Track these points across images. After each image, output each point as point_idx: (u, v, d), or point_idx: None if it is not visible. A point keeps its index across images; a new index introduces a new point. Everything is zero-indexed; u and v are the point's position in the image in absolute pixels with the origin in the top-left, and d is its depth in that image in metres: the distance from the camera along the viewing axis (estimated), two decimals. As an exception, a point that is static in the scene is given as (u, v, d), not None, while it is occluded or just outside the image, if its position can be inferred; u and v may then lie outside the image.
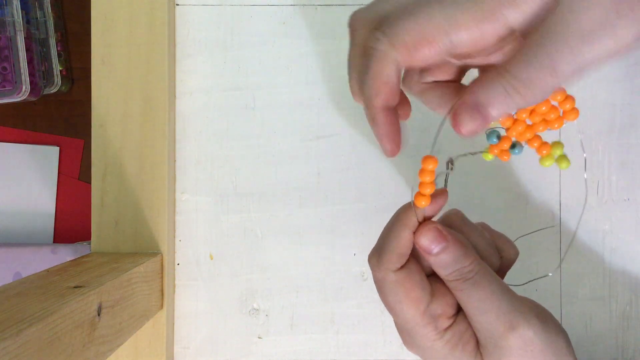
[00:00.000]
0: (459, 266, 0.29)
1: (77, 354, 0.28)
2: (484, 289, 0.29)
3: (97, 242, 0.40)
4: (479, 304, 0.29)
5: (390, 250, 0.30)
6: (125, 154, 0.40)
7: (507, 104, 0.25)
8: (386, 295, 0.30)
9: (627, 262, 0.42)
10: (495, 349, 0.29)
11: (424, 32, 0.25)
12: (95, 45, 0.41)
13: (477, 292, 0.29)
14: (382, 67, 0.27)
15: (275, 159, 0.43)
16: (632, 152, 0.42)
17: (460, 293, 0.29)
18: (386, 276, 0.30)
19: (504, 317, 0.29)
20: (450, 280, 0.30)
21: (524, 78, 0.24)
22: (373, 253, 0.31)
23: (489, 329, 0.29)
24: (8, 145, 0.53)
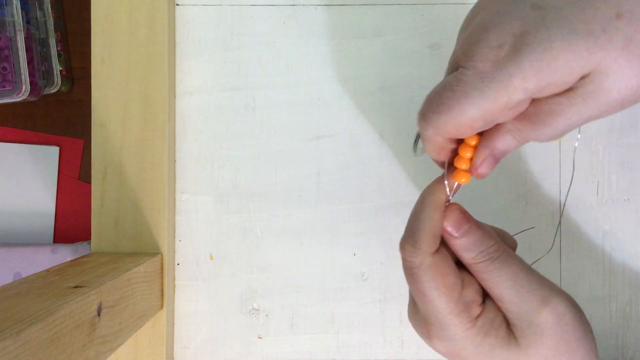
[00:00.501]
0: (484, 247, 0.29)
1: (77, 354, 0.28)
2: (512, 266, 0.29)
3: (97, 242, 0.40)
4: (510, 282, 0.29)
5: (426, 232, 0.30)
6: (125, 154, 0.40)
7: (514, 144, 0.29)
8: (422, 281, 0.29)
9: (627, 263, 0.42)
10: (530, 327, 0.29)
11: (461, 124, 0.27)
12: (95, 45, 0.41)
13: (506, 271, 0.29)
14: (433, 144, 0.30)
15: (275, 159, 0.43)
16: (632, 152, 0.42)
17: (489, 274, 0.29)
18: (424, 260, 0.29)
19: (536, 293, 0.29)
20: (478, 263, 0.29)
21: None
22: (406, 239, 0.30)
23: (522, 306, 0.29)
24: (8, 145, 0.53)
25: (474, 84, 0.26)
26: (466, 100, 0.26)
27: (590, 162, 0.42)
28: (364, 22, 0.42)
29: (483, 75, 0.26)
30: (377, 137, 0.42)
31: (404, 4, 0.42)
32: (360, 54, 0.43)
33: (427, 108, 0.28)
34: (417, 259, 0.29)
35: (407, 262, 0.30)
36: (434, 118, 0.28)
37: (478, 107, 0.26)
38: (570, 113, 0.26)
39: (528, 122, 0.27)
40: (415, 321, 0.32)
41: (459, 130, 0.28)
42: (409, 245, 0.30)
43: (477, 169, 0.29)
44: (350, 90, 0.43)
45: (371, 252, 0.42)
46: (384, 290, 0.42)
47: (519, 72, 0.25)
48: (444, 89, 0.27)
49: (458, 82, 0.27)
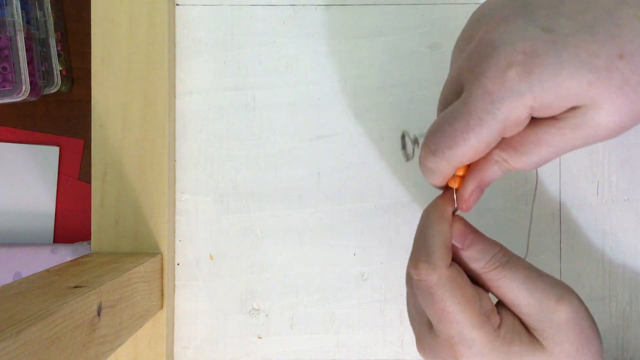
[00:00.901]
0: (491, 254, 0.29)
1: (77, 354, 0.28)
2: (522, 269, 0.29)
3: (97, 242, 0.40)
4: (523, 285, 0.29)
5: (440, 246, 0.29)
6: (125, 154, 0.40)
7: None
8: (442, 299, 0.28)
9: (627, 263, 0.42)
10: (552, 327, 0.29)
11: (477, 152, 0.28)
12: (95, 45, 0.41)
13: (518, 275, 0.29)
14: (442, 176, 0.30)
15: (275, 159, 0.43)
16: (632, 152, 0.42)
17: (502, 281, 0.29)
18: (441, 275, 0.29)
19: (551, 292, 0.29)
20: (489, 271, 0.29)
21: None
22: (419, 258, 0.29)
23: (539, 308, 0.29)
24: (8, 145, 0.53)
25: (484, 108, 0.26)
26: (481, 130, 0.27)
27: (590, 162, 0.42)
28: (364, 22, 0.42)
29: (493, 97, 0.26)
30: (377, 137, 0.42)
31: (404, 4, 0.42)
32: (360, 54, 0.43)
33: (438, 143, 0.28)
34: (434, 275, 0.29)
35: (424, 282, 0.29)
36: (448, 153, 0.28)
37: (492, 130, 0.27)
38: (557, 142, 0.27)
39: (514, 152, 0.28)
40: (434, 349, 0.30)
41: (475, 157, 0.28)
42: (423, 264, 0.29)
43: (466, 201, 0.30)
44: (350, 90, 0.43)
45: (371, 252, 0.42)
46: (384, 290, 0.42)
47: (530, 92, 0.26)
48: (454, 121, 0.27)
49: (469, 111, 0.27)
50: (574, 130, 0.26)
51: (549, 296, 0.29)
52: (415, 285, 0.30)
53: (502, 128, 0.27)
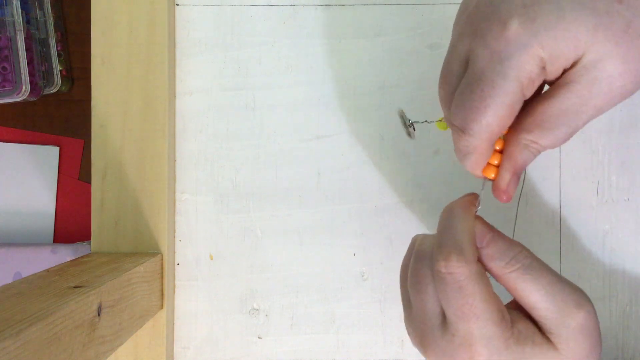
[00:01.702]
0: (512, 254, 0.29)
1: (77, 354, 0.28)
2: (546, 273, 0.29)
3: (97, 242, 0.40)
4: (544, 290, 0.28)
5: (470, 241, 0.29)
6: (125, 154, 0.40)
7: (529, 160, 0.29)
8: (472, 293, 0.28)
9: (627, 262, 0.42)
10: (568, 331, 0.28)
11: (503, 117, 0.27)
12: (95, 45, 0.41)
13: (542, 279, 0.29)
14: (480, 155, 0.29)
15: (275, 159, 0.43)
16: (632, 152, 0.42)
17: (524, 284, 0.29)
18: (472, 269, 0.28)
19: (570, 298, 0.29)
20: (510, 272, 0.29)
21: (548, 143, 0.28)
22: (449, 252, 0.29)
23: (559, 313, 0.28)
24: (8, 145, 0.53)
25: (495, 70, 0.26)
26: (498, 94, 0.26)
27: (590, 162, 0.42)
28: (364, 22, 0.42)
29: (500, 56, 0.26)
30: (377, 137, 0.42)
31: (404, 4, 0.42)
32: (360, 54, 0.43)
33: (463, 120, 0.28)
34: (466, 268, 0.28)
35: (455, 275, 0.28)
36: (476, 127, 0.27)
37: (509, 92, 0.26)
38: (578, 107, 0.26)
39: (541, 131, 0.27)
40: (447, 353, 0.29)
41: (503, 124, 0.27)
42: (454, 256, 0.28)
43: (506, 192, 0.29)
44: (350, 90, 0.43)
45: (371, 252, 0.42)
46: (384, 290, 0.42)
47: (536, 41, 0.25)
48: (470, 93, 0.27)
49: (480, 77, 0.27)
50: (590, 88, 0.26)
51: (569, 302, 0.28)
52: (442, 281, 0.29)
53: (518, 87, 0.26)
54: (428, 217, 0.42)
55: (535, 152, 0.29)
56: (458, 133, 0.28)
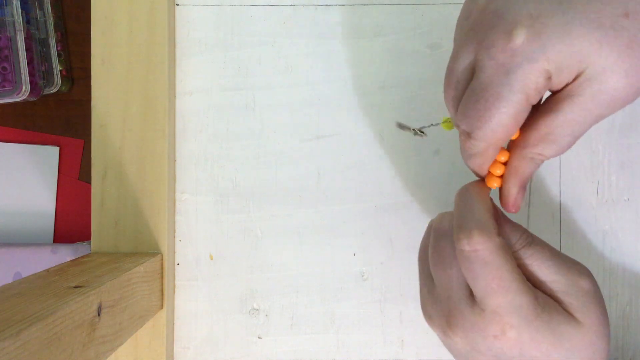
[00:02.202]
0: (517, 235, 0.30)
1: (77, 354, 0.28)
2: (547, 247, 0.30)
3: (97, 242, 0.40)
4: (550, 261, 0.29)
5: (488, 216, 0.29)
6: (125, 154, 0.40)
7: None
8: (498, 267, 0.28)
9: (627, 262, 0.42)
10: (578, 299, 0.29)
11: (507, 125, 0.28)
12: (95, 45, 0.41)
13: (544, 253, 0.30)
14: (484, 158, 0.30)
15: (275, 159, 0.43)
16: (632, 152, 0.42)
17: (531, 259, 0.29)
18: (496, 243, 0.28)
19: (573, 268, 0.30)
20: (519, 249, 0.30)
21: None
22: (471, 227, 0.29)
23: (566, 281, 0.29)
24: (8, 145, 0.53)
25: (500, 82, 0.26)
26: (502, 104, 0.27)
27: (590, 162, 0.42)
28: (364, 22, 0.42)
29: (507, 69, 0.26)
30: (377, 137, 0.42)
31: (404, 4, 0.42)
32: (360, 54, 0.43)
33: (469, 125, 0.28)
34: (490, 243, 0.28)
35: (479, 252, 0.28)
36: (480, 133, 0.28)
37: (514, 102, 0.27)
38: (582, 117, 0.27)
39: (546, 144, 0.28)
40: (476, 328, 0.29)
41: (508, 132, 0.28)
42: (477, 232, 0.28)
43: (514, 205, 0.31)
44: (350, 90, 0.43)
45: (371, 252, 0.42)
46: (384, 290, 0.42)
47: (543, 55, 0.26)
48: (476, 102, 0.28)
49: (486, 87, 0.27)
50: (593, 99, 0.26)
51: (573, 271, 0.30)
52: (466, 259, 0.29)
53: (524, 98, 0.27)
54: (428, 217, 0.42)
55: (539, 163, 0.29)
56: (464, 135, 0.29)
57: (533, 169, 0.30)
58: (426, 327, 0.42)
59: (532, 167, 0.30)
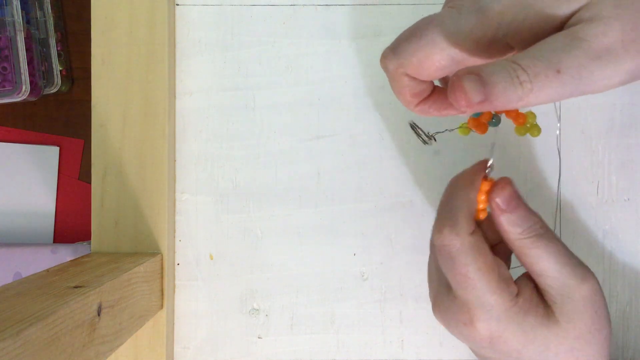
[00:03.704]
0: (530, 222, 0.30)
1: (77, 354, 0.28)
2: (557, 243, 0.30)
3: (97, 242, 0.40)
4: (554, 258, 0.29)
5: (464, 213, 0.29)
6: (125, 154, 0.40)
7: (509, 93, 0.24)
8: (464, 264, 0.29)
9: (627, 262, 0.42)
10: (570, 303, 0.29)
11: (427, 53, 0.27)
12: (95, 45, 0.41)
13: (553, 247, 0.29)
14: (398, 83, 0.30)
15: (275, 159, 0.43)
16: (632, 152, 0.42)
17: (535, 250, 0.29)
18: (464, 241, 0.29)
19: (577, 270, 0.29)
20: (524, 238, 0.29)
21: (530, 72, 0.24)
22: (442, 223, 0.29)
23: (564, 281, 0.29)
24: (8, 145, 0.53)
25: (450, 15, 0.27)
26: (439, 30, 0.27)
27: (590, 162, 0.42)
28: (364, 22, 0.42)
29: (461, 9, 0.26)
30: (377, 137, 0.42)
31: (404, 4, 0.42)
32: (360, 54, 0.43)
33: (398, 39, 0.29)
34: (457, 241, 0.29)
35: (446, 247, 0.29)
36: (402, 47, 0.28)
37: (451, 38, 0.26)
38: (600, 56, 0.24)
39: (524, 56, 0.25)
40: (449, 311, 0.31)
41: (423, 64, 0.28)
42: (447, 229, 0.29)
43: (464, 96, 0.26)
44: (350, 90, 0.43)
45: (371, 252, 0.42)
46: (384, 290, 0.42)
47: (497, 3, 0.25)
48: (419, 21, 0.28)
49: (434, 15, 0.27)
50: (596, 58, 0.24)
51: (576, 273, 0.29)
52: (438, 251, 0.30)
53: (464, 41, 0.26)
54: (428, 217, 0.42)
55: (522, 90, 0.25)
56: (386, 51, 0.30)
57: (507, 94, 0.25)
58: (426, 327, 0.42)
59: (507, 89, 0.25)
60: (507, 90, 0.24)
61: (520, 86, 0.24)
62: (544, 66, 0.24)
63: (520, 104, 0.25)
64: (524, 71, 0.24)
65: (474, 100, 0.25)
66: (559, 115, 0.42)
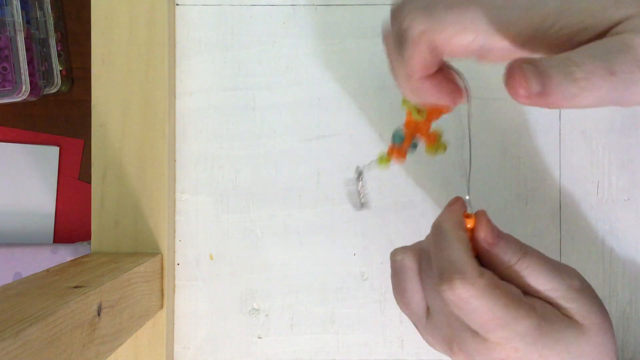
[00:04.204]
0: (515, 245, 0.30)
1: (77, 354, 0.28)
2: (538, 255, 0.30)
3: (97, 242, 0.40)
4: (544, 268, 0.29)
5: (466, 258, 0.28)
6: (125, 154, 0.40)
7: (564, 89, 0.23)
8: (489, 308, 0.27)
9: (627, 262, 0.42)
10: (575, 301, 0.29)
11: (464, 29, 0.25)
12: (95, 45, 0.41)
13: (538, 260, 0.29)
14: (415, 48, 0.27)
15: (275, 159, 0.43)
16: (632, 152, 0.42)
17: (528, 270, 0.29)
18: (480, 286, 0.27)
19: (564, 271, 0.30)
20: (515, 263, 0.29)
21: (585, 69, 0.23)
22: (451, 276, 0.27)
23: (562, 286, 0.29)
24: (8, 145, 0.53)
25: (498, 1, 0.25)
26: (483, 10, 0.25)
27: (590, 162, 0.42)
28: (364, 22, 0.42)
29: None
30: (377, 137, 0.42)
31: (404, 4, 0.42)
32: (360, 54, 0.43)
33: (434, 3, 0.26)
34: (474, 290, 0.27)
35: (465, 300, 0.27)
36: (440, 13, 0.26)
37: (494, 22, 0.25)
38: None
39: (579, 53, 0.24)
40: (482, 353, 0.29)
41: (454, 39, 0.26)
42: (459, 281, 0.27)
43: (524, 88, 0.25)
44: (350, 90, 0.43)
45: (371, 252, 0.42)
46: (384, 290, 0.42)
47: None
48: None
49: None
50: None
51: (564, 274, 0.30)
52: (456, 307, 0.28)
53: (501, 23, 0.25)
54: (428, 217, 0.42)
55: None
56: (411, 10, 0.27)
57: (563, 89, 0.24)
58: (426, 327, 0.42)
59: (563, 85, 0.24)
60: (561, 85, 0.23)
61: (575, 83, 0.23)
62: (600, 66, 0.23)
63: (569, 103, 0.24)
64: (579, 68, 0.23)
65: (534, 90, 0.23)
66: (559, 115, 0.42)
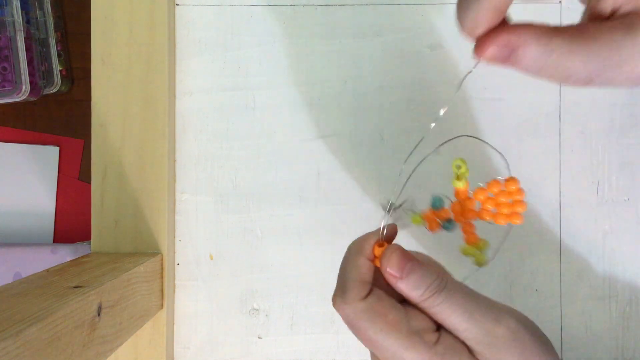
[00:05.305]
0: (429, 281, 0.29)
1: (77, 354, 0.28)
2: (459, 295, 0.29)
3: (97, 242, 0.40)
4: (460, 310, 0.29)
5: (351, 280, 0.30)
6: (125, 154, 0.40)
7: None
8: (364, 329, 0.29)
9: (627, 262, 0.42)
10: (490, 348, 0.29)
11: None
12: (95, 45, 0.41)
13: (456, 299, 0.29)
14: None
15: (275, 159, 0.43)
16: (632, 152, 0.42)
17: (440, 307, 0.29)
18: (356, 308, 0.29)
19: (487, 315, 0.29)
20: (426, 299, 0.29)
21: None
22: (336, 293, 0.30)
23: (478, 330, 0.29)
24: (8, 145, 0.53)
25: None
26: None
27: (590, 162, 0.42)
28: (364, 22, 0.42)
29: None
30: (377, 137, 0.42)
31: (404, 4, 0.42)
32: (360, 54, 0.43)
33: None
34: (348, 309, 0.29)
35: (343, 316, 0.30)
36: None
37: None
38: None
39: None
40: None
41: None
42: (339, 298, 0.30)
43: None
44: (350, 90, 0.43)
45: (371, 252, 0.42)
46: (384, 290, 0.42)
47: None
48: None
49: None
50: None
51: (486, 319, 0.29)
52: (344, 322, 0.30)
53: None
54: (428, 217, 0.42)
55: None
56: None
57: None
58: (426, 327, 0.42)
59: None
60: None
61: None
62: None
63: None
64: None
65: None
66: (559, 115, 0.42)
